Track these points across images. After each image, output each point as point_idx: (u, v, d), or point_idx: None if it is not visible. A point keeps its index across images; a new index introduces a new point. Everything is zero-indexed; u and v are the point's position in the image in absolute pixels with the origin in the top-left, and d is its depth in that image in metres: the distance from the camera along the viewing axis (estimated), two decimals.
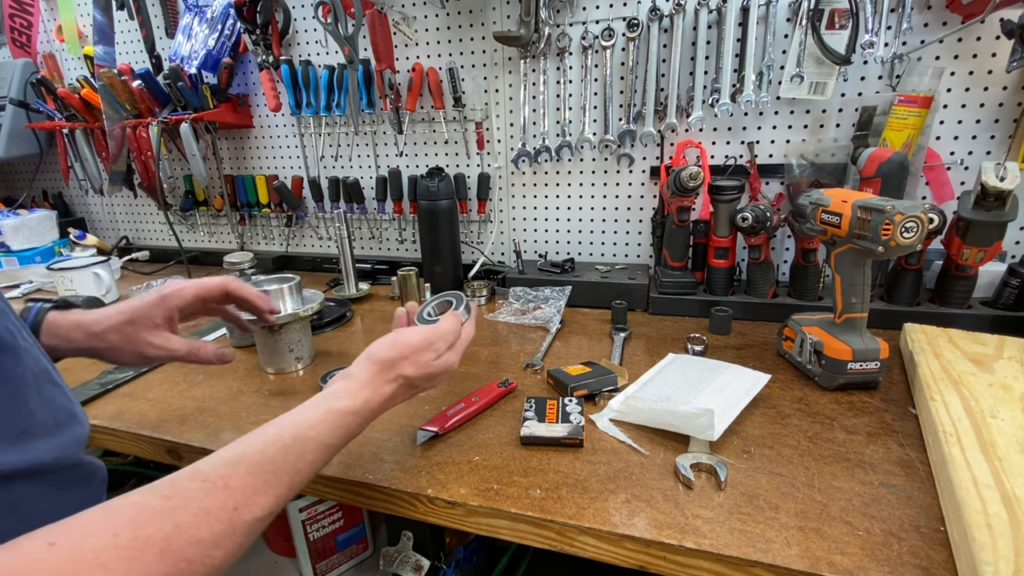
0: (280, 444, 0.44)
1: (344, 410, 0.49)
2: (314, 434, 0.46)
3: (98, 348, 0.59)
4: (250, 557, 0.98)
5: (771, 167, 1.08)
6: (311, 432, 0.46)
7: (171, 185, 1.55)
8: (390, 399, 0.53)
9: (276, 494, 0.41)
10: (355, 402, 0.50)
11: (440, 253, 1.19)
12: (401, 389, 0.54)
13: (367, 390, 0.51)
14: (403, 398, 0.55)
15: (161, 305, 0.62)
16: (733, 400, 0.67)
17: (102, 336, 0.59)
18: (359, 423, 0.50)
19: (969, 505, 0.45)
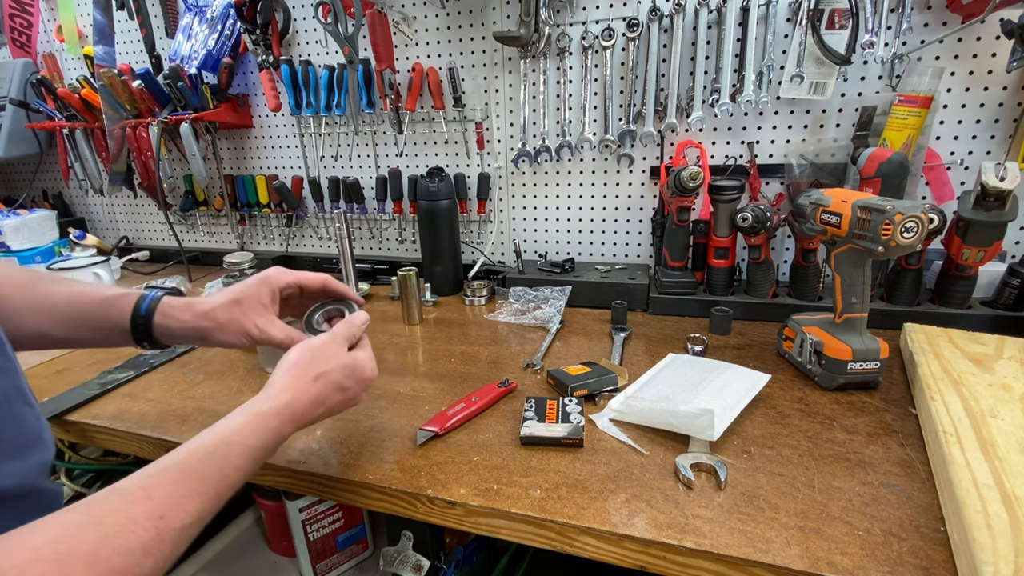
0: (203, 452, 0.44)
1: (266, 411, 0.49)
2: (238, 438, 0.47)
3: (206, 327, 0.60)
4: (250, 557, 0.99)
5: (771, 167, 1.08)
6: (235, 437, 0.46)
7: (171, 185, 1.55)
8: (317, 399, 0.53)
9: (203, 500, 0.42)
10: (277, 402, 0.50)
11: (440, 253, 1.19)
12: (327, 388, 0.54)
13: (288, 393, 0.52)
14: (336, 400, 0.55)
15: (265, 285, 0.63)
16: (733, 400, 0.67)
17: (210, 315, 0.60)
18: (283, 423, 0.50)
19: (969, 505, 0.45)
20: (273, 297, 0.63)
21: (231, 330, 0.60)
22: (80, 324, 0.60)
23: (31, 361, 0.95)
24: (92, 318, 0.60)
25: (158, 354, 0.94)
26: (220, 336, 0.60)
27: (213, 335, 0.60)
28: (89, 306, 0.60)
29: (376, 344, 0.96)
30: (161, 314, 0.60)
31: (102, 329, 0.60)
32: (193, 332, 0.60)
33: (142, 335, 0.60)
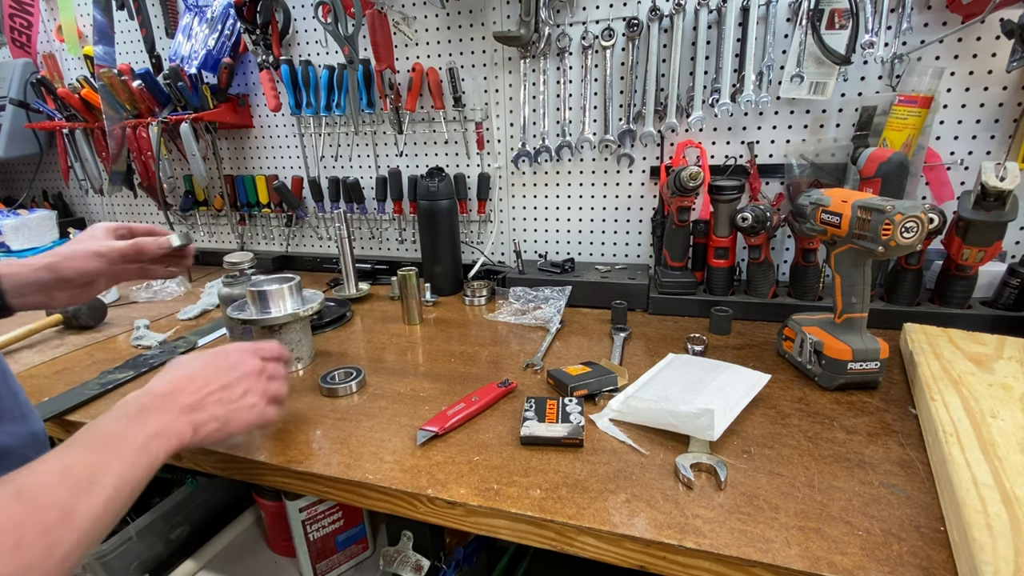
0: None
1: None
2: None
3: (54, 262, 0.66)
4: (250, 557, 0.99)
5: (771, 167, 1.08)
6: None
7: (171, 185, 1.55)
8: (179, 381, 0.55)
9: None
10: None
11: (440, 253, 1.19)
12: (192, 370, 0.57)
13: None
14: (212, 375, 0.57)
15: (97, 227, 0.72)
16: (733, 400, 0.67)
17: (55, 252, 0.67)
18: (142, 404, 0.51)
19: (969, 505, 0.45)
20: (107, 233, 0.71)
21: (79, 256, 0.67)
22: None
23: (31, 361, 0.95)
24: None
25: (158, 354, 0.94)
26: (70, 264, 0.66)
27: (63, 265, 0.66)
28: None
29: (376, 344, 0.96)
30: (6, 264, 0.64)
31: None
32: (44, 271, 0.65)
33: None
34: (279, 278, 0.87)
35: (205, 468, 0.69)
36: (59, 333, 1.09)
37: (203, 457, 0.68)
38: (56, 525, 0.37)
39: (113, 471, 0.42)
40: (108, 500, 0.41)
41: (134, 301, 1.28)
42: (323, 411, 0.74)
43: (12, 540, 0.34)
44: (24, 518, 0.35)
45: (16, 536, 0.34)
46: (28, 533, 0.35)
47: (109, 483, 0.41)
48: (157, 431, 0.47)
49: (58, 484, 0.39)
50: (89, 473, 0.41)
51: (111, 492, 0.41)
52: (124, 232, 0.74)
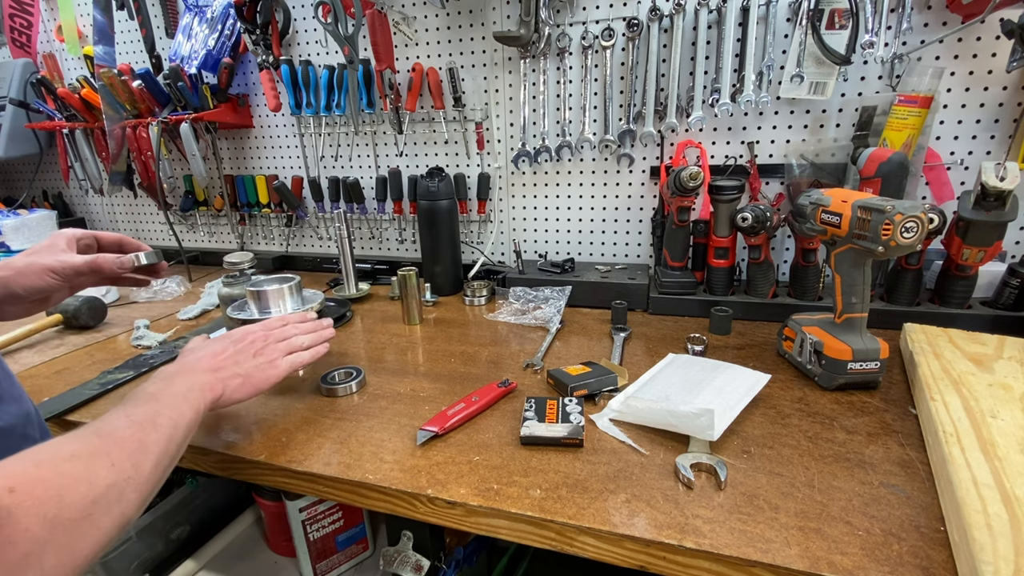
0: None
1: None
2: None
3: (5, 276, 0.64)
4: (250, 557, 0.98)
5: (771, 167, 1.08)
6: None
7: (171, 185, 1.55)
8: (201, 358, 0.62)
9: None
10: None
11: (440, 253, 1.19)
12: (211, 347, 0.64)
13: None
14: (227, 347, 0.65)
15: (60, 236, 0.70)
16: (733, 400, 0.67)
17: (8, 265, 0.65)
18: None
19: (969, 505, 0.45)
20: (69, 244, 0.69)
21: (31, 272, 0.65)
22: None
23: (31, 361, 0.95)
24: None
25: (158, 354, 0.94)
26: (21, 280, 0.64)
27: (14, 282, 0.64)
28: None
29: (376, 344, 0.96)
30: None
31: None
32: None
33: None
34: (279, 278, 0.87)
35: (205, 468, 0.69)
36: (59, 333, 1.09)
37: (203, 457, 0.68)
38: (135, 450, 0.45)
39: (165, 415, 0.50)
40: (168, 437, 0.49)
41: (134, 301, 1.28)
42: (323, 411, 0.74)
43: (107, 461, 0.42)
44: (109, 447, 0.44)
45: (108, 459, 0.43)
46: (116, 456, 0.43)
47: (165, 423, 0.50)
48: (189, 387, 0.56)
49: (127, 425, 0.47)
50: (147, 417, 0.49)
51: (169, 431, 0.50)
52: (90, 241, 0.72)
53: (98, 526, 0.40)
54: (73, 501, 0.38)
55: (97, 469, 0.41)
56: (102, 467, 0.42)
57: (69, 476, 0.39)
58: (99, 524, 0.40)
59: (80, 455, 0.41)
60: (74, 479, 0.39)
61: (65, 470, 0.39)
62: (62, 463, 0.40)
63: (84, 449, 0.42)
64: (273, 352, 0.67)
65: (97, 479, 0.41)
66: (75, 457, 0.41)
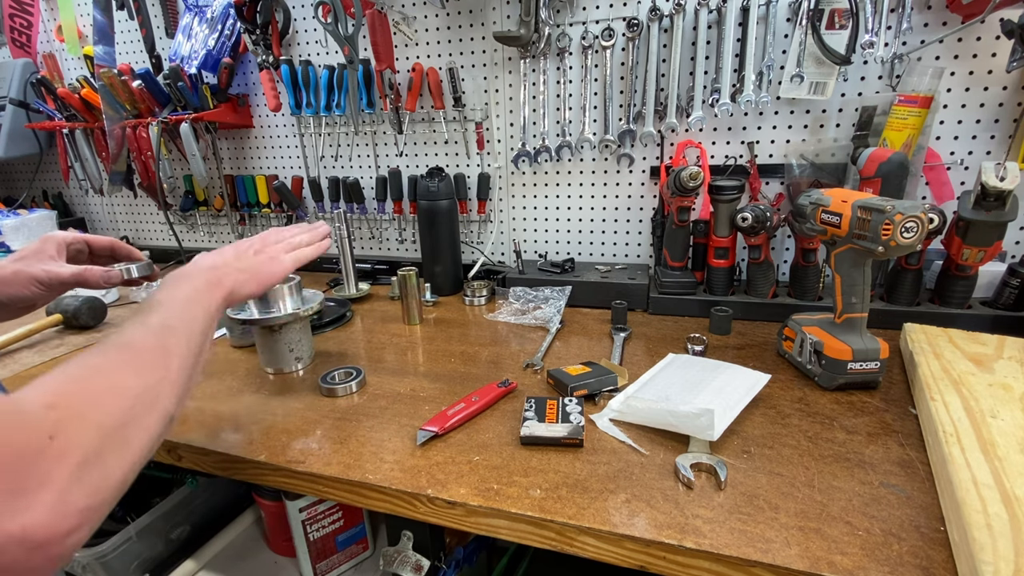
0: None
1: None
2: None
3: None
4: (250, 557, 0.98)
5: (771, 167, 1.08)
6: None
7: (171, 185, 1.55)
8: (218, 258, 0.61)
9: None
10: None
11: (440, 253, 1.19)
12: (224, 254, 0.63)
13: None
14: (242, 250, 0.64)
15: (49, 241, 0.68)
16: (733, 400, 0.67)
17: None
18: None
19: (969, 505, 0.45)
20: (59, 249, 0.68)
21: (18, 282, 0.64)
22: None
23: (31, 361, 0.95)
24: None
25: None
26: (7, 290, 0.63)
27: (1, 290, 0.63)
28: None
29: (376, 344, 0.96)
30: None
31: None
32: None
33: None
34: None
35: (205, 468, 0.69)
36: (59, 333, 1.09)
37: (203, 457, 0.68)
38: (161, 355, 0.46)
39: (177, 317, 0.51)
40: (187, 339, 0.50)
41: (134, 301, 1.28)
42: (323, 411, 0.74)
43: (132, 369, 0.43)
44: (135, 355, 0.45)
45: (133, 367, 0.44)
46: (140, 363, 0.45)
47: (180, 326, 0.50)
48: (194, 287, 0.56)
49: (145, 334, 0.48)
50: (161, 322, 0.49)
51: (185, 334, 0.50)
52: (80, 247, 0.71)
53: (143, 426, 0.41)
54: (112, 409, 0.39)
55: (125, 378, 0.42)
56: (130, 375, 0.43)
57: (101, 387, 0.40)
58: (144, 424, 0.41)
59: (104, 368, 0.42)
60: (106, 389, 0.40)
61: (96, 381, 0.41)
62: (93, 376, 0.41)
63: (107, 362, 0.43)
64: (274, 250, 0.67)
65: (128, 386, 0.42)
66: (101, 370, 0.42)
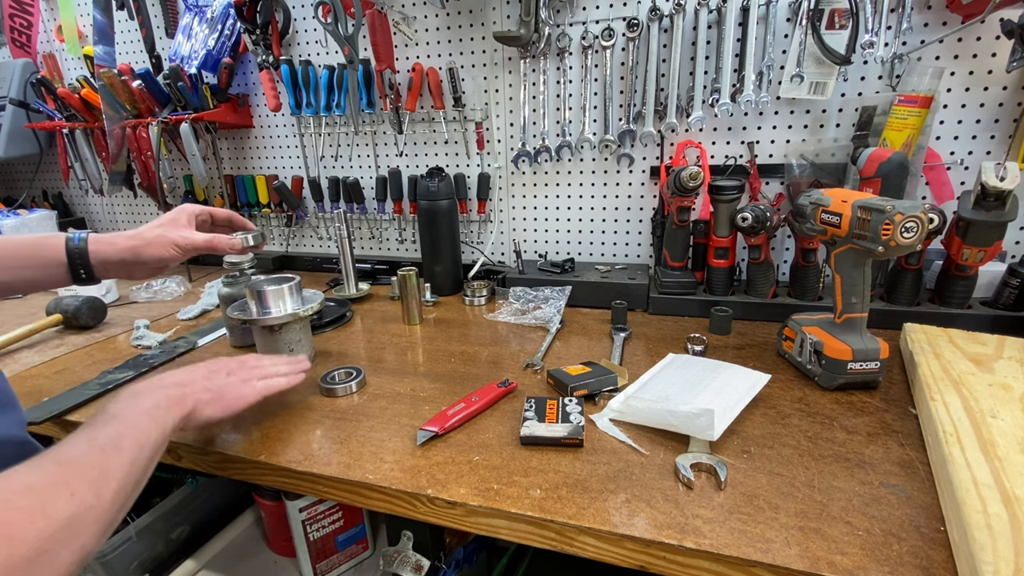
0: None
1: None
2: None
3: (137, 245, 0.70)
4: (250, 557, 0.99)
5: (771, 167, 1.08)
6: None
7: (171, 185, 1.55)
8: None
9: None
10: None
11: (440, 253, 1.19)
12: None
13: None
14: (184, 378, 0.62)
15: (182, 212, 0.75)
16: (733, 400, 0.67)
17: (139, 235, 0.71)
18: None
19: (969, 505, 0.45)
20: (189, 220, 0.75)
21: (160, 244, 0.71)
22: (18, 264, 0.66)
23: (31, 361, 0.95)
24: (27, 256, 0.66)
25: (158, 354, 0.94)
26: (150, 251, 0.70)
27: (144, 251, 0.70)
28: (21, 246, 0.66)
29: (376, 344, 0.96)
30: (95, 242, 0.68)
31: (36, 267, 0.67)
32: (127, 252, 0.69)
33: (79, 265, 0.67)
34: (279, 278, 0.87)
35: (205, 468, 0.69)
36: (59, 333, 1.09)
37: (203, 457, 0.68)
38: (97, 477, 0.43)
39: (129, 436, 0.49)
40: (132, 460, 0.47)
41: (134, 301, 1.28)
42: (323, 411, 0.74)
43: (66, 491, 0.40)
44: (69, 475, 0.42)
45: (68, 489, 0.41)
46: (76, 485, 0.41)
47: (128, 446, 0.48)
48: (155, 403, 0.54)
49: (88, 450, 0.45)
50: (110, 440, 0.47)
51: (134, 453, 0.48)
52: (205, 217, 0.78)
53: (55, 562, 0.38)
54: (27, 538, 0.36)
55: (55, 500, 0.39)
56: (60, 498, 0.40)
57: (23, 511, 0.37)
58: (56, 560, 0.38)
59: (36, 486, 0.40)
60: (29, 514, 0.37)
61: (19, 505, 0.38)
62: (16, 497, 0.38)
63: (41, 479, 0.40)
64: (247, 374, 0.67)
65: (55, 511, 0.39)
66: (31, 489, 0.39)
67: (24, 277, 0.67)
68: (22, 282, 0.67)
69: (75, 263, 0.67)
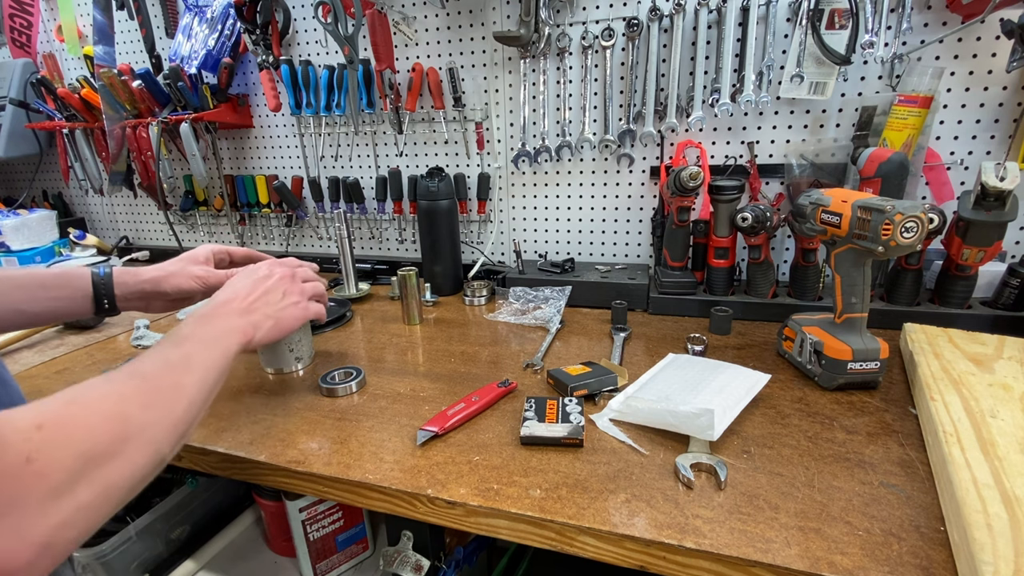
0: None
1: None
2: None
3: (160, 276, 0.74)
4: (250, 557, 0.98)
5: (771, 167, 1.08)
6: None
7: (171, 185, 1.55)
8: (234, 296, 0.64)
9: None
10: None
11: (440, 253, 1.19)
12: (244, 288, 0.66)
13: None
14: (261, 290, 0.67)
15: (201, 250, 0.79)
16: (733, 400, 0.67)
17: (162, 267, 0.75)
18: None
19: (969, 505, 0.45)
20: (208, 258, 0.79)
21: (182, 275, 0.74)
22: (47, 295, 0.69)
23: (31, 361, 0.95)
24: (55, 287, 0.70)
25: None
26: (172, 281, 0.74)
27: (165, 281, 0.74)
28: (47, 278, 0.70)
29: (376, 344, 0.96)
30: (120, 274, 0.73)
31: (63, 298, 0.70)
32: (148, 283, 0.73)
33: (103, 295, 0.71)
34: None
35: (205, 468, 0.69)
36: (59, 333, 1.09)
37: (203, 457, 0.68)
38: (170, 391, 0.47)
39: (198, 357, 0.53)
40: (201, 380, 0.51)
41: None
42: (323, 411, 0.74)
43: (142, 401, 0.44)
44: (145, 388, 0.46)
45: (143, 399, 0.44)
46: (151, 396, 0.45)
47: (198, 366, 0.52)
48: (223, 331, 0.58)
49: (162, 367, 0.49)
50: (181, 359, 0.51)
51: (202, 373, 0.51)
52: (223, 256, 0.82)
53: (131, 461, 0.41)
54: (103, 438, 0.39)
55: (132, 408, 0.42)
56: (135, 406, 0.43)
57: (100, 414, 0.40)
58: (132, 460, 0.41)
59: (112, 395, 0.43)
60: (105, 417, 0.40)
61: (97, 408, 0.41)
62: (94, 402, 0.41)
63: (117, 390, 0.43)
64: (299, 295, 0.71)
65: (132, 417, 0.42)
66: (107, 397, 0.42)
67: (50, 308, 0.69)
68: (47, 313, 0.70)
69: (100, 294, 0.71)
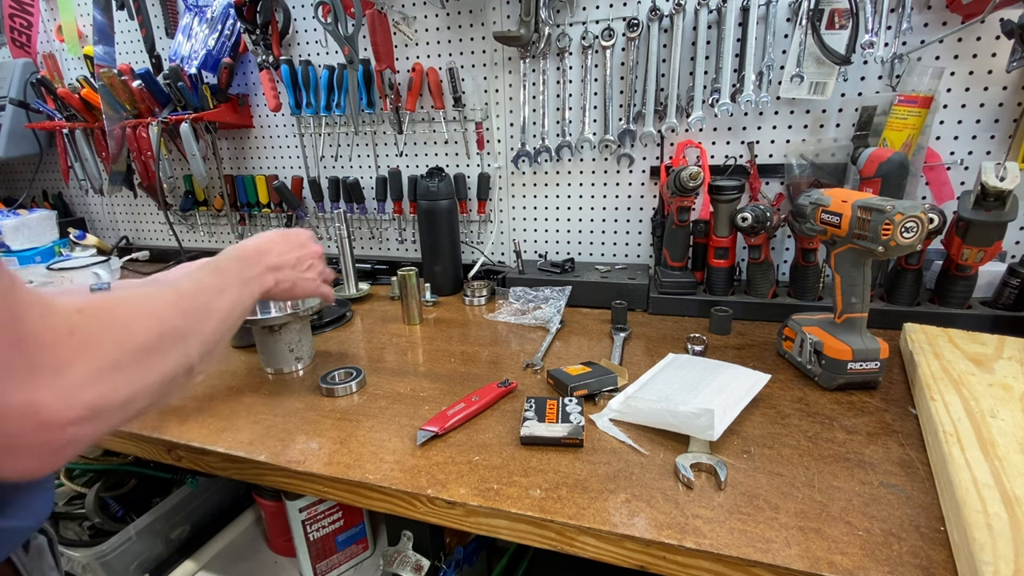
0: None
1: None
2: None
3: None
4: (250, 557, 0.98)
5: (771, 167, 1.08)
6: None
7: (171, 185, 1.55)
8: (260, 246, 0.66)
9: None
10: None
11: (440, 253, 1.19)
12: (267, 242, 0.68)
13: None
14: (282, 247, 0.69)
15: None
16: (733, 400, 0.67)
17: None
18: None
19: (969, 505, 0.45)
20: None
21: None
22: None
23: None
24: None
25: None
26: None
27: None
28: None
29: (376, 344, 0.96)
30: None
31: None
32: None
33: None
34: None
35: (205, 468, 0.69)
36: None
37: (203, 457, 0.68)
38: (203, 310, 0.50)
39: (228, 291, 0.56)
40: (229, 308, 0.54)
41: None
42: (323, 411, 0.74)
43: (178, 308, 0.46)
44: (179, 298, 0.48)
45: (179, 307, 0.47)
46: (186, 307, 0.48)
47: (228, 297, 0.55)
48: (252, 276, 0.62)
49: (196, 287, 0.52)
50: (215, 287, 0.54)
51: (231, 303, 0.55)
52: None
53: (164, 360, 0.42)
54: (140, 331, 0.40)
55: (166, 310, 0.44)
56: (171, 310, 0.45)
57: (139, 308, 0.42)
58: (166, 358, 0.42)
59: (151, 297, 0.45)
60: (143, 312, 0.42)
61: (136, 302, 0.42)
62: (134, 297, 0.43)
63: (155, 293, 0.45)
64: (319, 274, 0.75)
65: (166, 317, 0.44)
66: (146, 297, 0.44)
67: None
68: None
69: None
